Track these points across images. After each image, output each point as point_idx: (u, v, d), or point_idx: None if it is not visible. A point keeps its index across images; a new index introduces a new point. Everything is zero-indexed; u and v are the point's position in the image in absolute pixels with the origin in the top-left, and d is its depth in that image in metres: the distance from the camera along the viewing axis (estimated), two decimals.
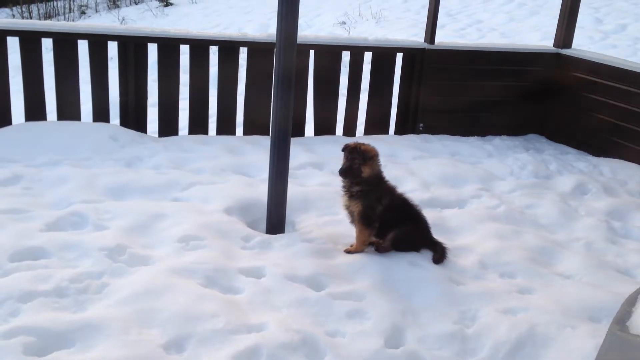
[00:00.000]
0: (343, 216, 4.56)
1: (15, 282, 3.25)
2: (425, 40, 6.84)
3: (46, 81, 5.83)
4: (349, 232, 4.31)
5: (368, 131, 6.84)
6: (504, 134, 7.18)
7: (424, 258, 3.96)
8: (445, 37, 10.18)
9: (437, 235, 4.38)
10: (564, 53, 7.05)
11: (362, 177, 3.85)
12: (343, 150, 3.94)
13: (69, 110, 5.89)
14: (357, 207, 3.94)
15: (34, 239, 3.75)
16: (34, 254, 3.61)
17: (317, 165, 5.63)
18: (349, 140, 6.37)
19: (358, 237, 4.01)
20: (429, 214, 4.68)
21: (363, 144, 3.90)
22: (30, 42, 5.69)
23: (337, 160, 5.72)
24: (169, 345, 2.96)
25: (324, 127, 6.65)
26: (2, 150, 5.15)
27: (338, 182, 5.23)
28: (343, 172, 3.87)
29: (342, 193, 4.04)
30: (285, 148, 4.13)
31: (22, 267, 3.43)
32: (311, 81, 6.51)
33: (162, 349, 2.92)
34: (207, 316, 3.17)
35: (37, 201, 4.34)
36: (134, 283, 3.39)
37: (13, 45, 5.67)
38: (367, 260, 3.88)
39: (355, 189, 3.93)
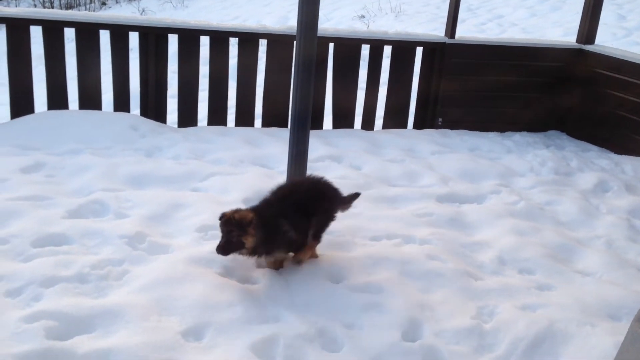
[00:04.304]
0: (361, 209, 4.58)
1: (38, 267, 3.30)
2: (445, 35, 6.79)
3: (68, 71, 5.89)
4: (367, 225, 4.32)
5: (386, 125, 6.82)
6: (524, 130, 7.13)
7: (442, 252, 3.95)
8: (466, 32, 10.10)
9: (454, 230, 4.39)
10: (587, 49, 6.97)
11: (247, 247, 3.35)
12: (220, 219, 3.38)
13: (90, 99, 5.94)
14: (279, 255, 3.59)
15: (56, 225, 3.79)
16: (56, 240, 3.66)
17: (335, 158, 5.63)
18: (368, 134, 6.40)
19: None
20: (447, 209, 4.69)
21: (237, 211, 3.36)
22: (53, 31, 5.75)
23: (356, 153, 5.76)
24: (188, 333, 2.98)
25: (343, 120, 6.65)
26: (25, 138, 5.21)
27: (356, 175, 5.27)
28: (222, 250, 3.32)
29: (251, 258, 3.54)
30: (304, 132, 4.11)
31: (44, 253, 3.48)
32: (330, 74, 6.50)
33: (180, 336, 2.95)
34: (225, 305, 3.19)
35: (59, 189, 4.39)
36: (154, 271, 3.42)
37: (35, 34, 5.73)
38: (385, 254, 3.88)
39: (258, 250, 3.43)
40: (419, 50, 6.73)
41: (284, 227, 3.45)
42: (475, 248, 4.14)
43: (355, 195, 4.01)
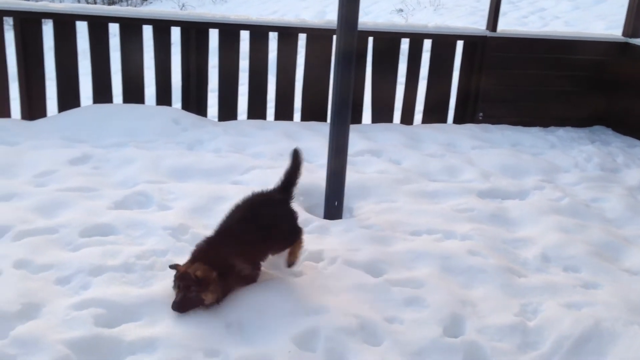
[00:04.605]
0: (401, 203, 4.57)
1: (86, 256, 3.39)
2: (487, 28, 6.69)
3: (112, 65, 6.00)
4: (407, 219, 4.30)
5: (426, 119, 6.77)
6: (568, 125, 6.97)
7: (484, 248, 3.91)
8: (507, 25, 9.93)
9: (496, 226, 4.33)
10: (633, 42, 6.78)
11: (206, 304, 3.05)
12: (175, 273, 3.08)
13: (133, 93, 6.05)
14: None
15: (102, 216, 3.88)
16: (103, 231, 3.75)
17: (375, 153, 5.61)
18: (407, 129, 6.36)
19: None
20: (488, 205, 4.64)
21: (197, 267, 3.02)
22: (98, 26, 5.87)
23: (395, 148, 5.74)
24: (230, 324, 3.02)
25: (382, 114, 6.62)
26: (72, 130, 5.34)
27: (396, 169, 5.25)
28: (177, 307, 2.98)
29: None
30: (344, 124, 4.11)
31: (92, 243, 3.56)
32: (369, 68, 6.48)
33: (224, 327, 2.99)
34: (266, 297, 3.21)
35: (105, 180, 4.50)
36: None
37: (80, 30, 5.85)
38: (426, 249, 3.86)
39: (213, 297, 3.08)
40: (460, 44, 6.64)
41: (239, 266, 3.20)
42: (518, 245, 4.08)
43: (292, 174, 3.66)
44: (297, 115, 6.55)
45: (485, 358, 2.98)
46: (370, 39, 6.39)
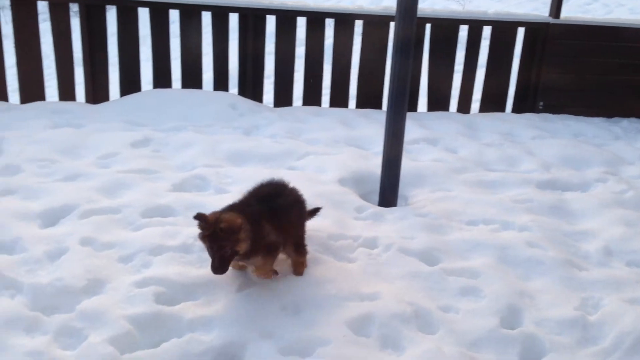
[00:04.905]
0: (457, 192, 4.51)
1: (147, 236, 3.48)
2: (549, 15, 6.51)
3: (171, 51, 6.12)
4: (463, 209, 4.24)
5: (483, 108, 6.64)
6: (632, 116, 6.72)
7: (543, 239, 3.82)
8: (569, 13, 9.62)
9: (556, 218, 4.23)
10: None
11: (240, 254, 2.92)
12: (198, 223, 2.88)
13: (191, 78, 6.16)
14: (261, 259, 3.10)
15: (162, 198, 3.98)
16: (163, 212, 3.84)
17: (430, 141, 5.55)
18: (464, 117, 6.25)
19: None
20: (548, 196, 4.52)
21: (221, 219, 2.83)
22: (159, 13, 5.99)
23: (451, 136, 5.66)
24: (286, 306, 3.05)
25: (438, 102, 6.53)
26: (133, 114, 5.48)
27: (452, 158, 5.18)
28: (219, 269, 2.85)
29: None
30: (401, 112, 4.07)
31: (152, 223, 3.66)
32: (426, 55, 6.40)
33: (279, 309, 3.02)
34: (322, 282, 3.24)
35: (165, 163, 4.61)
36: None
37: (141, 16, 5.99)
38: (482, 239, 3.80)
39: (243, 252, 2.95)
40: (521, 31, 6.48)
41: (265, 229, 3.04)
42: (579, 237, 3.97)
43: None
44: (352, 102, 6.54)
45: (543, 351, 2.92)
46: (428, 26, 6.31)
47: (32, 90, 5.80)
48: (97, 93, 6.02)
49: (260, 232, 2.99)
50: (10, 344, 2.63)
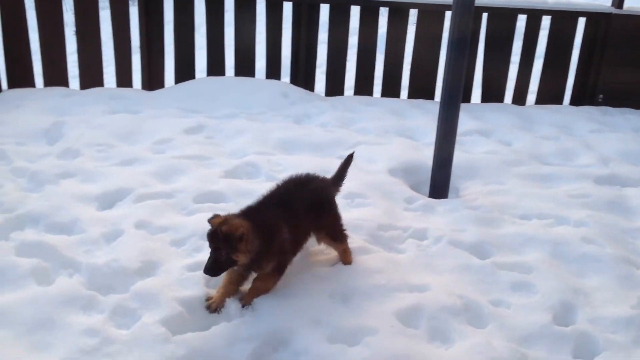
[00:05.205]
0: (511, 186, 4.41)
1: (199, 221, 3.53)
2: (612, 5, 6.27)
3: (226, 39, 6.20)
4: (517, 202, 4.15)
5: (540, 100, 6.47)
6: None
7: (600, 236, 3.71)
8: (632, 2, 9.23)
9: (614, 214, 4.09)
10: None
11: (239, 265, 2.83)
12: (208, 220, 2.88)
13: (244, 66, 6.22)
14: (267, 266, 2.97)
15: (214, 184, 4.05)
16: (215, 198, 3.90)
17: (483, 133, 5.45)
18: (519, 109, 6.10)
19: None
20: (606, 191, 4.38)
21: (225, 223, 2.75)
22: (214, 2, 6.06)
23: (505, 128, 5.54)
24: (334, 295, 3.06)
25: (492, 93, 6.40)
26: (187, 101, 5.58)
27: (506, 150, 5.07)
28: (210, 271, 2.77)
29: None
30: (454, 110, 4.03)
31: (204, 209, 3.72)
32: (482, 45, 6.27)
33: (327, 297, 3.03)
34: (370, 272, 3.23)
35: (217, 150, 4.67)
36: None
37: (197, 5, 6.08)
38: (536, 233, 3.72)
39: (250, 263, 2.88)
40: (581, 21, 6.27)
41: (283, 236, 2.93)
42: (638, 235, 3.83)
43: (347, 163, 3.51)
44: (404, 92, 6.47)
45: (597, 349, 2.84)
46: (485, 15, 6.17)
47: (91, 77, 5.97)
48: (153, 80, 6.15)
49: (274, 239, 2.88)
50: (68, 322, 2.72)
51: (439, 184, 4.25)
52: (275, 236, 2.91)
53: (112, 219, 3.55)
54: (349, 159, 3.53)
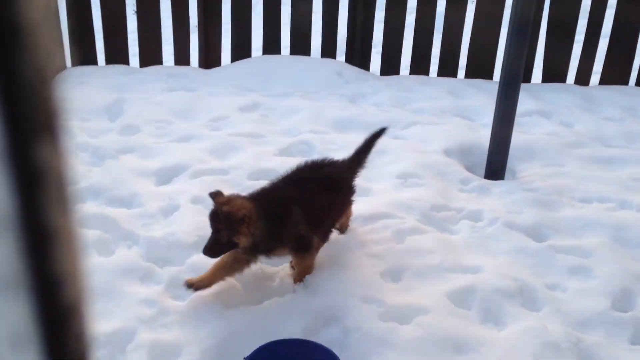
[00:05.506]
0: (571, 168, 4.28)
1: None
2: None
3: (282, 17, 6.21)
4: (576, 185, 4.03)
5: (604, 81, 6.21)
6: None
7: None
8: None
9: None
10: None
11: (242, 247, 2.72)
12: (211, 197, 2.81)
13: (300, 45, 6.22)
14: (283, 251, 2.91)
15: (268, 161, 4.09)
16: (268, 175, 3.90)
17: (544, 114, 5.29)
18: (581, 89, 5.89)
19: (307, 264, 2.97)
20: None
21: (227, 203, 2.67)
22: None
23: (567, 109, 5.36)
24: (386, 274, 3.07)
25: (554, 73, 6.18)
26: (243, 80, 5.63)
27: (567, 132, 4.92)
28: (209, 251, 2.72)
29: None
30: (514, 91, 3.92)
31: (258, 186, 3.74)
32: (544, 24, 6.05)
33: (379, 275, 3.04)
34: (423, 252, 3.22)
35: (271, 128, 4.71)
36: (354, 212, 3.53)
37: None
38: (596, 217, 3.61)
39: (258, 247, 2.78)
40: None
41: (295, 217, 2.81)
42: None
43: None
44: (461, 72, 6.34)
45: None
46: None
47: (150, 55, 6.10)
48: (210, 58, 6.23)
49: (287, 222, 2.79)
50: (126, 291, 2.83)
51: (496, 166, 4.17)
52: (285, 220, 2.79)
53: (169, 193, 3.64)
54: (374, 137, 3.39)
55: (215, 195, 2.73)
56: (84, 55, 5.93)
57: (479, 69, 6.18)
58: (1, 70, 0.38)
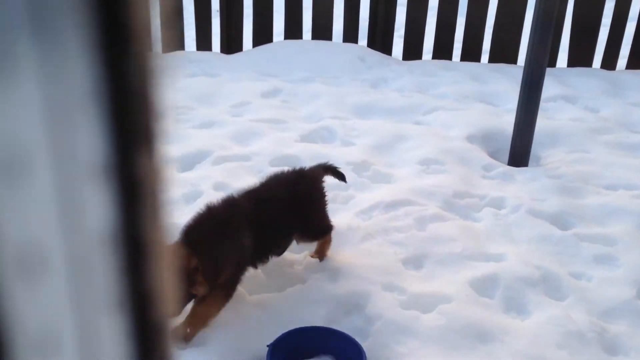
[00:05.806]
0: (596, 154, 4.22)
1: None
2: None
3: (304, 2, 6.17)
4: (602, 172, 3.97)
5: (631, 65, 6.08)
6: None
7: None
8: None
9: None
10: None
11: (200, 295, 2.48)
12: None
13: (321, 30, 6.18)
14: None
15: (289, 147, 4.08)
16: (290, 162, 3.91)
17: (569, 99, 5.20)
18: (608, 74, 5.77)
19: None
20: None
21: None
22: None
23: (593, 94, 5.27)
24: (408, 261, 3.06)
25: (580, 57, 6.07)
26: (264, 65, 5.62)
27: (592, 118, 4.84)
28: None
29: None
30: (538, 82, 3.86)
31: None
32: (570, 6, 5.94)
33: (400, 263, 3.03)
34: (445, 239, 3.20)
35: (293, 114, 4.70)
36: (376, 198, 3.53)
37: None
38: (622, 205, 3.55)
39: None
40: None
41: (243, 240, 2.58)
42: None
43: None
44: (484, 56, 6.25)
45: None
46: None
47: (172, 40, 6.11)
48: (231, 44, 6.22)
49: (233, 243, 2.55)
50: None
51: (519, 152, 4.12)
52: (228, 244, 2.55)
53: (192, 180, 3.66)
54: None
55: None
56: None
57: (503, 53, 6.09)
58: (108, 75, 0.36)
